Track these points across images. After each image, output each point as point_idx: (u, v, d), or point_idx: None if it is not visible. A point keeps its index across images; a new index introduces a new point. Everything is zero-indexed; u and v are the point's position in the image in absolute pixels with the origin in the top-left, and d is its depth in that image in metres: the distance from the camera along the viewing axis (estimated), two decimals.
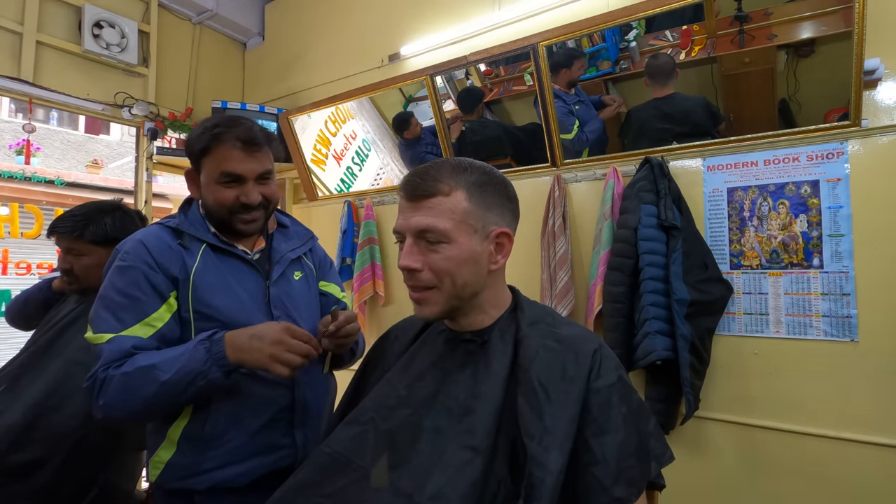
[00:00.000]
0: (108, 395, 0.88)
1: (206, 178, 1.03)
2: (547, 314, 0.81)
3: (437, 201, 0.72)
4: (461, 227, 0.72)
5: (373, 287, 2.40)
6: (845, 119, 1.48)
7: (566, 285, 1.83)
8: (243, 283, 1.05)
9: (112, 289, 0.96)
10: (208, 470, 0.96)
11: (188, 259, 1.00)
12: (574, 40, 1.87)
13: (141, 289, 0.95)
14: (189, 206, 1.10)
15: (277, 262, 1.11)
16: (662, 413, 1.64)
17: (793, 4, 1.53)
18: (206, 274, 1.01)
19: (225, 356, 0.89)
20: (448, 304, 0.75)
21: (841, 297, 1.48)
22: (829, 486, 1.47)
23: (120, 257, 0.99)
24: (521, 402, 0.68)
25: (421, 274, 0.74)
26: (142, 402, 0.88)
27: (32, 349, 1.34)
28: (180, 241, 1.02)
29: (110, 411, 0.89)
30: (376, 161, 2.58)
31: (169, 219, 1.07)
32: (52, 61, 2.39)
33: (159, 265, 0.98)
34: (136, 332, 0.93)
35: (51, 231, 1.42)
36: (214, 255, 1.04)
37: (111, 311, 0.94)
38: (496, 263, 0.76)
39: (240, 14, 3.10)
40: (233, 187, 1.02)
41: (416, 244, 0.74)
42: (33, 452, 1.16)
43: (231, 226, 1.05)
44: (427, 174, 0.74)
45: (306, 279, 1.18)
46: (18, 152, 5.66)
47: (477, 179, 0.75)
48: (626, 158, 1.84)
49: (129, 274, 0.96)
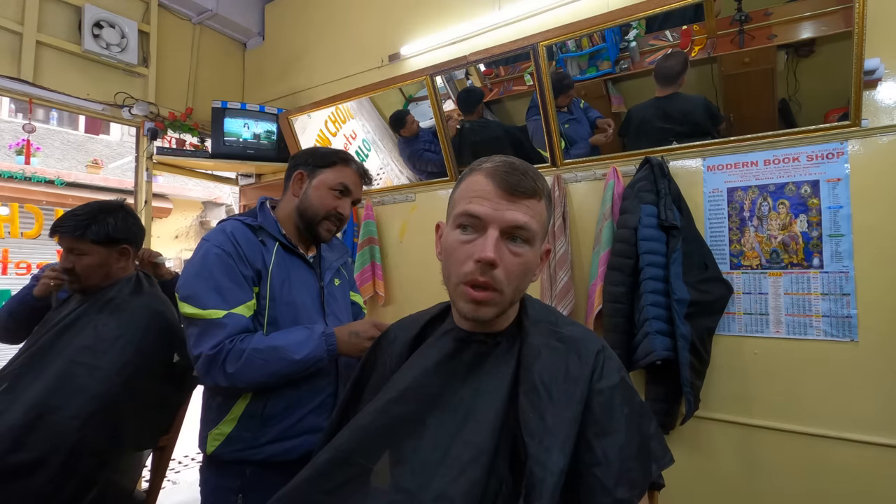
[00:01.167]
0: (239, 366, 1.04)
1: (319, 183, 1.23)
2: (549, 313, 0.80)
3: (534, 203, 0.70)
4: (541, 232, 0.72)
5: (373, 287, 2.40)
6: (845, 119, 1.48)
7: (566, 285, 1.84)
8: (304, 280, 1.22)
9: (213, 272, 1.09)
10: (263, 444, 1.11)
11: (266, 254, 1.17)
12: (574, 40, 1.87)
13: (238, 276, 1.11)
14: (263, 209, 1.25)
15: (327, 269, 1.30)
16: (662, 413, 1.64)
17: (793, 4, 1.53)
18: (280, 269, 1.18)
19: (336, 349, 1.10)
20: (502, 309, 0.72)
21: (841, 297, 1.49)
22: (829, 486, 1.47)
23: (214, 244, 1.12)
24: (524, 401, 0.67)
25: (497, 272, 0.68)
26: (269, 375, 1.06)
27: (33, 349, 1.34)
28: (259, 237, 1.18)
29: (237, 379, 1.05)
30: (376, 161, 2.58)
31: (246, 216, 1.22)
32: (52, 61, 2.39)
33: (247, 257, 1.13)
34: (242, 312, 1.09)
35: (53, 230, 1.42)
36: (284, 254, 1.21)
37: (218, 292, 1.08)
38: (535, 277, 0.75)
39: (240, 14, 3.10)
40: (339, 199, 1.23)
41: (501, 240, 0.69)
42: (33, 452, 1.16)
43: (316, 229, 1.23)
44: (528, 172, 0.70)
45: (343, 287, 1.37)
46: (18, 152, 5.66)
47: (549, 191, 0.74)
48: (626, 158, 1.84)
49: (228, 262, 1.10)
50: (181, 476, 3.05)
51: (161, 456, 1.57)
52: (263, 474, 1.11)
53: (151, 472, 1.57)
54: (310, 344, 1.08)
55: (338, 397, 1.19)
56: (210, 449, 1.13)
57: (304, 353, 1.07)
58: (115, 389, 1.28)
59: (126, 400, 1.30)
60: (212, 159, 2.74)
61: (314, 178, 1.23)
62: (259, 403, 1.12)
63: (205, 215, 7.94)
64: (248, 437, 1.11)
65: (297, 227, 1.25)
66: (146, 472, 1.59)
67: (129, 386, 1.30)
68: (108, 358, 1.30)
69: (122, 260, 1.46)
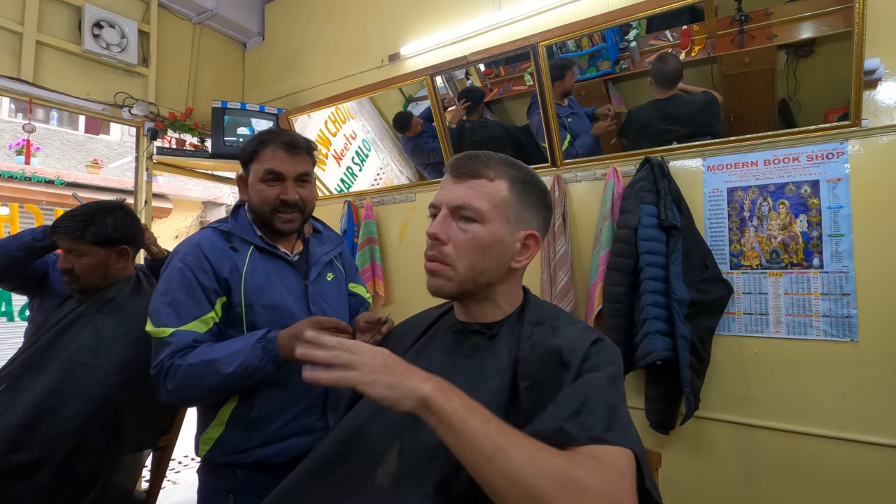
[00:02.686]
0: (176, 383, 1.01)
1: (252, 179, 1.16)
2: (553, 316, 0.79)
3: (480, 183, 0.75)
4: (496, 212, 0.74)
5: (373, 287, 2.40)
6: (845, 119, 1.48)
7: (566, 285, 1.84)
8: (286, 281, 1.17)
9: (172, 287, 1.07)
10: (252, 448, 1.09)
11: (238, 261, 1.12)
12: (574, 40, 1.87)
13: (197, 290, 1.07)
14: (238, 212, 1.21)
15: (314, 264, 1.24)
16: (662, 413, 1.64)
17: (793, 4, 1.53)
18: (255, 273, 1.13)
19: (278, 354, 1.01)
20: (463, 285, 0.75)
21: (841, 297, 1.48)
22: (829, 486, 1.47)
23: (179, 258, 1.10)
24: (524, 394, 0.68)
25: (445, 247, 0.75)
26: (205, 390, 1.02)
27: (32, 349, 1.34)
28: (230, 244, 1.14)
29: (177, 396, 1.04)
30: (376, 161, 2.58)
31: (221, 223, 1.19)
32: (52, 61, 2.39)
33: (213, 267, 1.09)
34: (194, 328, 1.06)
35: (52, 231, 1.42)
36: (261, 256, 1.16)
37: (172, 308, 1.05)
38: (519, 262, 0.77)
39: (240, 14, 3.10)
40: (275, 186, 1.14)
41: (449, 218, 0.76)
42: (33, 452, 1.17)
43: (271, 224, 1.15)
44: (477, 158, 0.77)
45: (337, 280, 1.30)
46: (18, 152, 5.66)
47: (522, 177, 0.77)
48: (626, 158, 1.84)
49: (187, 276, 1.08)
50: (181, 476, 3.05)
51: (161, 456, 1.57)
52: (254, 475, 1.10)
53: (151, 472, 1.57)
54: (243, 353, 1.01)
55: (328, 399, 1.17)
56: (202, 452, 1.12)
57: (236, 364, 1.00)
58: (114, 389, 1.28)
59: (126, 400, 1.30)
60: (212, 159, 2.74)
61: (249, 176, 1.18)
62: (245, 407, 1.10)
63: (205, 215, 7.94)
64: (235, 441, 1.09)
65: None
66: (146, 472, 1.59)
67: (129, 386, 1.30)
68: (108, 358, 1.30)
69: (122, 260, 1.46)
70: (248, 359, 1.01)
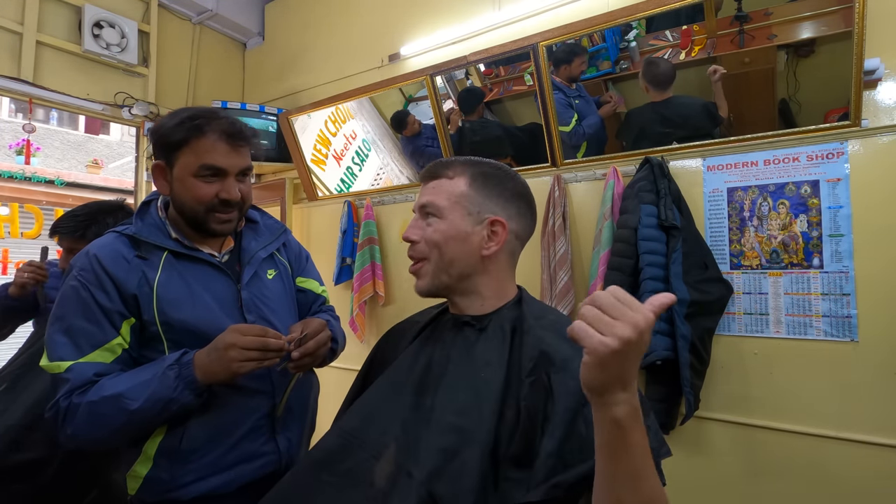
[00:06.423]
0: (76, 425, 0.84)
1: (181, 172, 0.95)
2: (550, 313, 0.81)
3: (439, 183, 0.82)
4: (455, 206, 0.80)
5: (373, 287, 2.40)
6: (845, 119, 1.48)
7: (566, 285, 1.83)
8: (212, 289, 0.98)
9: (67, 312, 0.90)
10: (188, 483, 0.92)
11: (149, 271, 0.93)
12: (574, 40, 1.87)
13: (97, 313, 0.89)
14: (147, 210, 1.02)
15: (248, 263, 1.05)
16: (662, 413, 1.64)
17: (793, 4, 1.53)
18: (170, 285, 0.94)
19: (195, 379, 0.86)
20: (437, 278, 0.80)
21: (841, 297, 1.48)
22: (829, 486, 1.47)
23: (73, 275, 0.92)
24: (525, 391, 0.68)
25: (418, 245, 0.82)
26: (111, 431, 0.86)
27: (32, 349, 1.34)
28: (138, 252, 0.95)
29: (79, 441, 0.87)
30: (376, 161, 2.58)
31: (125, 226, 0.99)
32: (52, 61, 2.39)
33: (115, 283, 0.91)
34: (96, 359, 0.88)
35: (53, 231, 1.42)
36: (178, 263, 0.97)
37: (68, 337, 0.88)
38: (488, 249, 0.80)
39: (240, 14, 3.10)
40: (212, 182, 0.95)
41: (419, 219, 0.83)
42: (33, 452, 1.17)
43: (205, 225, 0.98)
44: (441, 163, 0.84)
45: (281, 277, 1.12)
46: (18, 152, 5.66)
47: (483, 171, 0.82)
48: (626, 158, 1.84)
49: (83, 296, 0.89)
50: None
51: None
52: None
53: None
54: (152, 384, 0.85)
55: (274, 418, 1.01)
56: (131, 491, 0.94)
57: (144, 397, 0.84)
58: None
59: None
60: None
61: (174, 168, 0.96)
62: (175, 437, 0.92)
63: None
64: (166, 478, 0.91)
65: None
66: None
67: None
68: None
69: None
70: (158, 389, 0.84)
